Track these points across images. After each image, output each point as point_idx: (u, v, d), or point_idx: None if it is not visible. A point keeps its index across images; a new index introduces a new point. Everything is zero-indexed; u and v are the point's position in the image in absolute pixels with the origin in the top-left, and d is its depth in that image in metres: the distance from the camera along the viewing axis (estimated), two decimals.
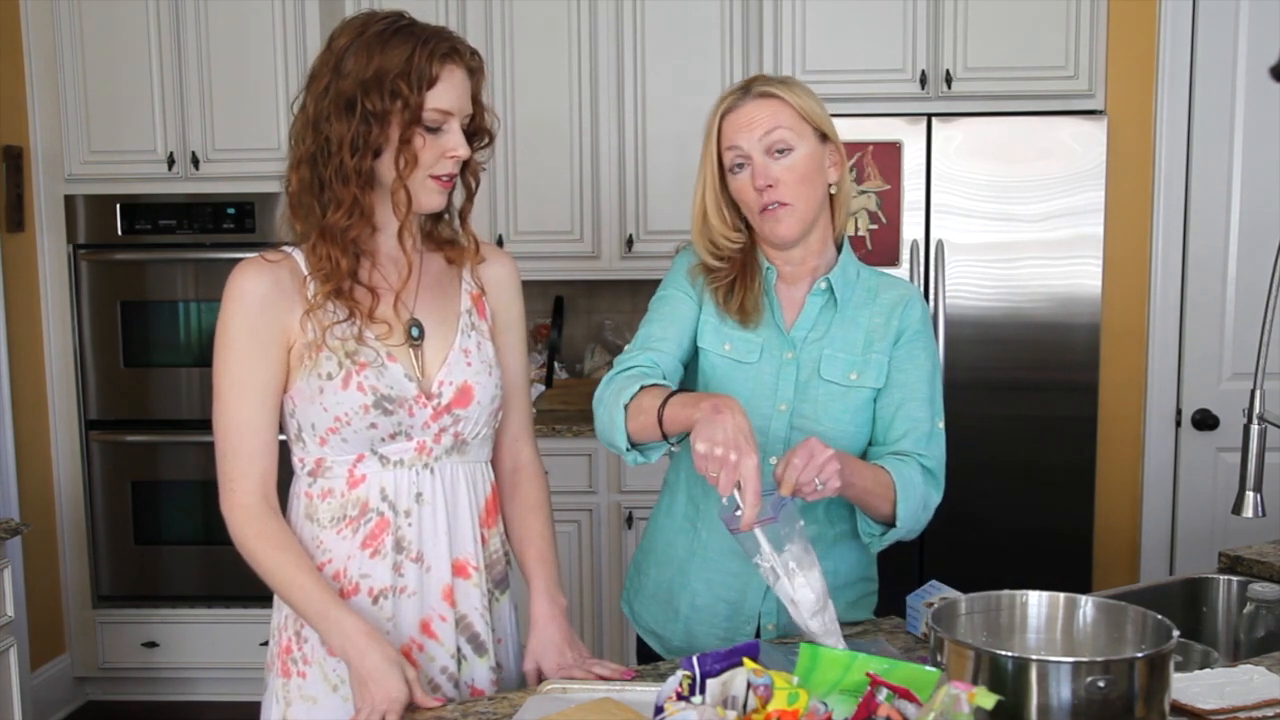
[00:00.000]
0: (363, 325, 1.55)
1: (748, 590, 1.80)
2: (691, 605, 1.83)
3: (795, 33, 3.45)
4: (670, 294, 1.82)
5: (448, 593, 1.61)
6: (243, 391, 1.54)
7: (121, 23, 3.65)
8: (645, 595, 1.91)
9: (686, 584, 1.83)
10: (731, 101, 1.76)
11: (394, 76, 1.48)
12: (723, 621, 1.81)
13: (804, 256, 1.79)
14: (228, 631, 3.75)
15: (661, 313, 1.80)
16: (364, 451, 1.57)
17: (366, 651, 1.48)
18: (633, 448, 1.66)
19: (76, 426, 3.79)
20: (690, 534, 1.83)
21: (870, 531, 1.73)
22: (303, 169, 1.53)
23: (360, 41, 1.50)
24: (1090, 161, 3.28)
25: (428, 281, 1.65)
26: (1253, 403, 1.74)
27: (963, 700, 1.12)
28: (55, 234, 3.74)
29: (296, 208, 1.55)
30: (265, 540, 1.54)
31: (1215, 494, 3.49)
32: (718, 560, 1.80)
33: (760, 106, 1.74)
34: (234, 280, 1.55)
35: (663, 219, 3.77)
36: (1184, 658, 1.66)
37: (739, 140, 1.74)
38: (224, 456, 1.57)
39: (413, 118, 1.50)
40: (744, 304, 1.76)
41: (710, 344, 1.78)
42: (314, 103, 1.52)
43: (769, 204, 1.73)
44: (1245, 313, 3.43)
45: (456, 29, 3.69)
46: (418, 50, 1.49)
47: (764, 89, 1.75)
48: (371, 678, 1.47)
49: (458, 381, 1.61)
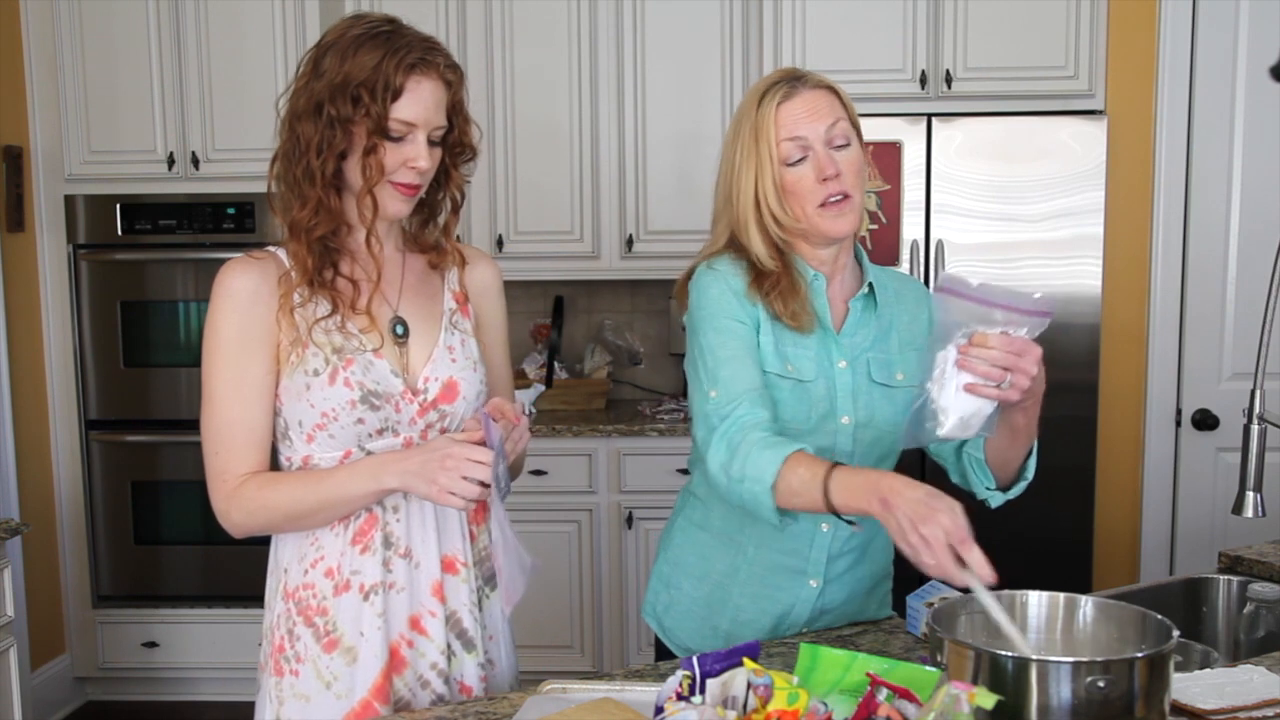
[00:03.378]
0: (345, 317, 1.56)
1: (796, 604, 1.77)
2: (734, 620, 1.79)
3: (795, 33, 3.45)
4: (726, 324, 1.67)
5: (437, 588, 1.61)
6: (234, 389, 1.54)
7: (121, 23, 3.65)
8: (678, 611, 1.85)
9: (728, 600, 1.79)
10: (786, 91, 1.66)
11: (358, 85, 1.48)
12: (765, 634, 1.77)
13: (838, 255, 1.74)
14: (227, 631, 3.75)
15: (731, 349, 1.66)
16: (351, 448, 1.57)
17: (407, 454, 1.51)
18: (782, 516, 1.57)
19: (76, 426, 3.79)
20: (732, 550, 1.78)
21: (989, 485, 1.72)
22: (278, 166, 1.56)
23: (340, 44, 1.51)
24: (1090, 161, 3.28)
25: (411, 281, 1.65)
26: (1253, 403, 1.74)
27: (963, 700, 1.12)
28: (55, 234, 3.74)
29: (275, 203, 1.58)
30: (261, 489, 1.55)
31: (1215, 494, 3.49)
32: (766, 575, 1.76)
33: (820, 97, 1.67)
34: (222, 278, 1.55)
35: (663, 219, 3.77)
36: (1184, 658, 1.66)
37: (801, 130, 1.64)
38: (214, 454, 1.56)
39: (376, 127, 1.49)
40: (797, 310, 1.68)
41: (773, 366, 1.67)
42: (290, 101, 1.54)
43: (833, 195, 1.65)
44: (1245, 313, 3.43)
45: (456, 29, 3.73)
46: (386, 59, 1.48)
47: (820, 79, 1.69)
48: (426, 453, 1.49)
49: (443, 377, 1.62)
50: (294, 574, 1.61)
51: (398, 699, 1.58)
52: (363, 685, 1.57)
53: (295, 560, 1.61)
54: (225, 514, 1.57)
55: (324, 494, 1.54)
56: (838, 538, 1.75)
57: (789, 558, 1.75)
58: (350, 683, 1.57)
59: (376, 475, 1.52)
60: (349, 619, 1.57)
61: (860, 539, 1.76)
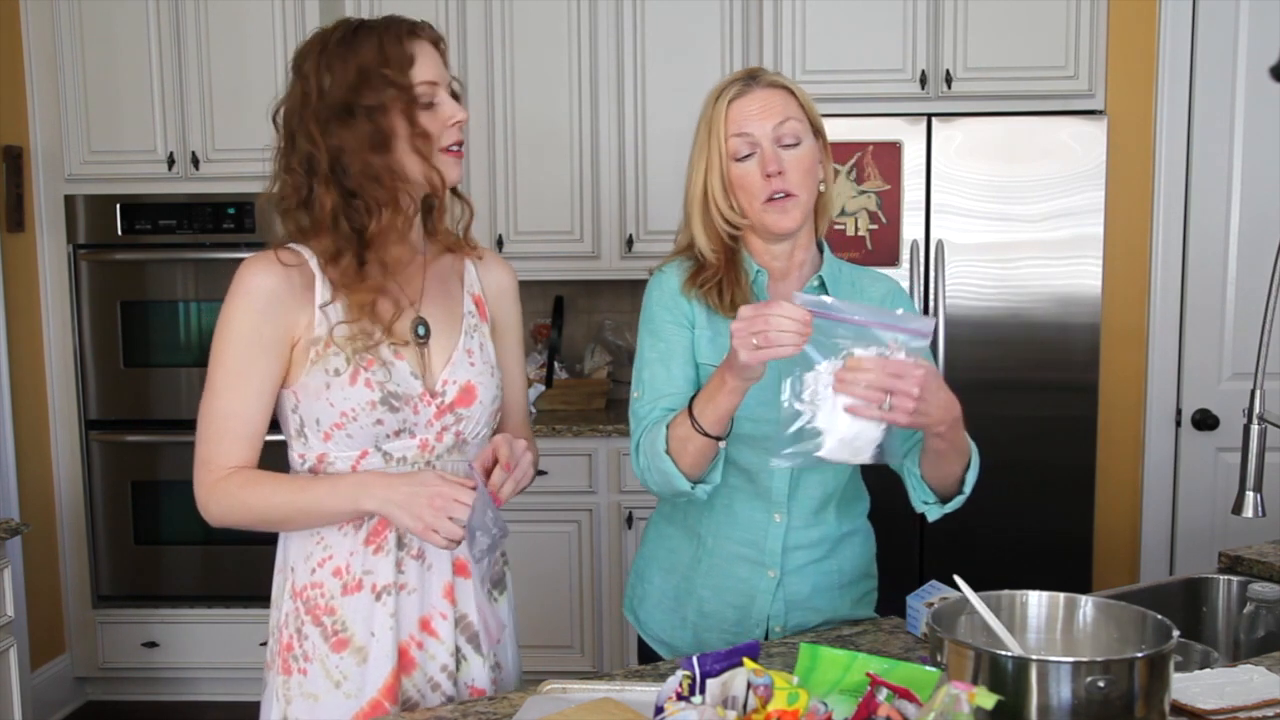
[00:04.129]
0: (382, 332, 1.56)
1: (756, 594, 1.80)
2: (699, 612, 1.82)
3: (795, 33, 3.45)
4: (659, 327, 1.78)
5: (448, 590, 1.61)
6: (237, 383, 1.54)
7: (121, 23, 3.65)
8: (650, 603, 1.90)
9: (693, 591, 1.83)
10: (739, 89, 1.73)
11: (377, 67, 1.51)
12: (731, 626, 1.81)
13: (792, 251, 1.79)
14: (228, 631, 3.75)
15: (659, 350, 1.76)
16: (368, 448, 1.58)
17: (392, 482, 1.51)
18: (695, 483, 1.66)
19: (76, 426, 3.79)
20: (695, 542, 1.83)
21: (927, 499, 1.73)
22: (330, 191, 1.53)
23: (325, 55, 1.53)
24: (1090, 161, 3.28)
25: (433, 283, 1.66)
26: (1253, 403, 1.74)
27: (963, 700, 1.12)
28: (55, 234, 3.74)
29: (327, 226, 1.54)
30: (242, 487, 1.54)
31: (1215, 494, 3.49)
32: (725, 566, 1.80)
33: (772, 95, 1.72)
34: (243, 275, 1.55)
35: (663, 219, 3.77)
36: (1184, 658, 1.66)
37: (749, 127, 1.70)
38: (204, 442, 1.57)
39: (409, 98, 1.53)
40: (734, 300, 1.73)
41: (709, 357, 1.75)
42: (315, 125, 1.52)
43: (776, 192, 1.70)
44: (1245, 313, 3.43)
45: (456, 29, 3.73)
46: (384, 38, 1.53)
47: (773, 79, 1.75)
48: (414, 485, 1.50)
49: (461, 381, 1.62)
50: (301, 573, 1.61)
51: (407, 700, 1.59)
52: (373, 685, 1.57)
53: (302, 559, 1.61)
54: (204, 504, 1.57)
55: (301, 504, 1.55)
56: (792, 529, 1.79)
57: (745, 548, 1.79)
58: (360, 682, 1.57)
59: (356, 497, 1.52)
60: (359, 619, 1.58)
61: (820, 532, 1.80)
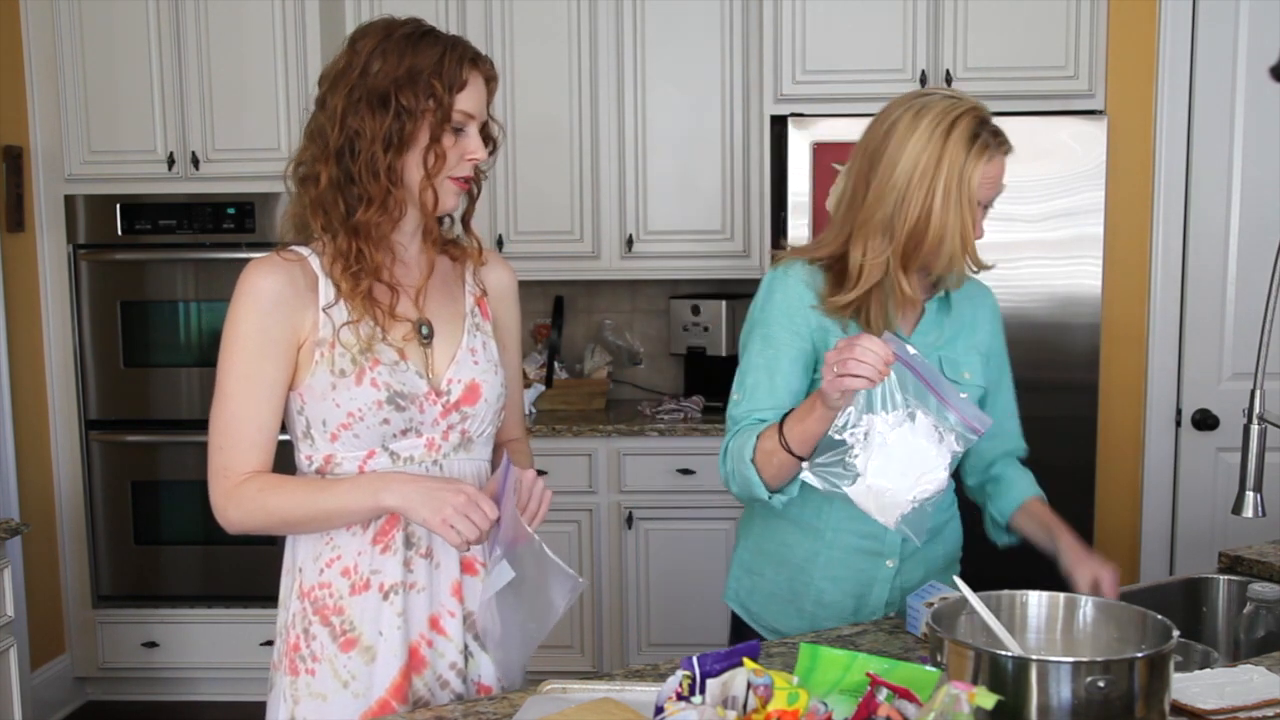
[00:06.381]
0: (384, 324, 1.57)
1: (874, 583, 1.86)
2: (818, 602, 1.87)
3: (795, 33, 3.45)
4: (773, 332, 1.78)
5: (456, 588, 1.62)
6: (248, 387, 1.54)
7: (121, 23, 3.65)
8: (762, 595, 1.93)
9: (810, 583, 1.87)
10: (992, 150, 1.73)
11: (428, 75, 1.52)
12: (849, 615, 1.87)
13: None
14: (228, 631, 3.75)
15: (766, 357, 1.78)
16: (375, 448, 1.58)
17: (417, 478, 1.52)
18: (774, 493, 1.71)
19: (76, 426, 3.78)
20: (811, 536, 1.86)
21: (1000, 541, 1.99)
22: (330, 165, 1.54)
23: (388, 43, 1.54)
24: (1090, 162, 3.28)
25: (435, 283, 1.66)
26: (1253, 403, 1.74)
27: (963, 700, 1.12)
28: (55, 234, 3.74)
29: (319, 205, 1.55)
30: (261, 491, 1.55)
31: (1215, 494, 3.49)
32: (845, 558, 1.85)
33: (1003, 164, 1.76)
34: (248, 277, 1.55)
35: (663, 219, 3.77)
36: (1184, 658, 1.66)
37: (986, 194, 1.75)
38: (219, 449, 1.56)
39: (444, 116, 1.53)
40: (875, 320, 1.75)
41: None
42: (343, 99, 1.53)
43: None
44: (1245, 313, 3.43)
45: (456, 29, 3.73)
46: (448, 53, 1.54)
47: (1008, 144, 1.77)
48: (439, 481, 1.52)
49: (466, 379, 1.63)
50: (309, 573, 1.61)
51: (417, 698, 1.59)
52: (381, 684, 1.57)
53: (310, 560, 1.61)
54: (222, 510, 1.57)
55: (323, 505, 1.54)
56: None
57: (865, 540, 1.84)
58: (368, 682, 1.58)
59: (377, 492, 1.52)
60: (367, 618, 1.58)
61: (935, 520, 1.84)
